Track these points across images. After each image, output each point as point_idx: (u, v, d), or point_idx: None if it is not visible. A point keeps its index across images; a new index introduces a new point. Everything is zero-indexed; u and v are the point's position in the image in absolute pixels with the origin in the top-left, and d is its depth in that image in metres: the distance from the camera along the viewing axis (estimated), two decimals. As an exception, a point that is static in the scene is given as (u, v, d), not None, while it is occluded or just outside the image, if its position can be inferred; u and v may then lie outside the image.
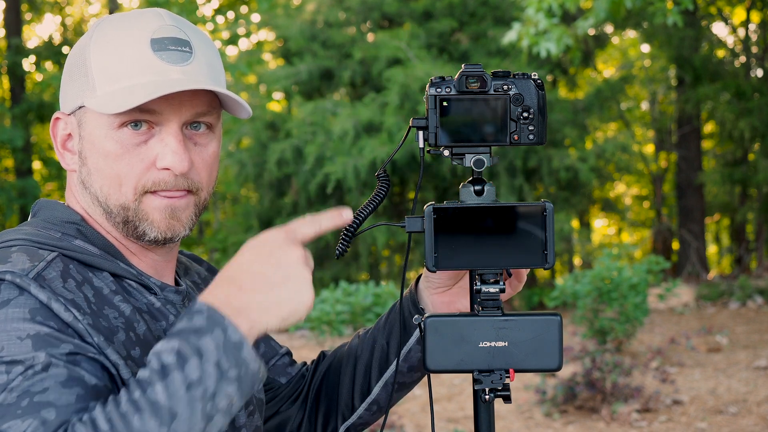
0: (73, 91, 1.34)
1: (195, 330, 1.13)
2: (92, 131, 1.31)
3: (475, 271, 1.39)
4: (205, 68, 1.33)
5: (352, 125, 11.52)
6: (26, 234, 1.29)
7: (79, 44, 1.36)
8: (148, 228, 1.32)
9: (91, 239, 1.32)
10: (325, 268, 12.53)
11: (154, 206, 1.31)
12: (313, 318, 8.41)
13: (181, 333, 1.14)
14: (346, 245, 1.42)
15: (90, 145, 1.31)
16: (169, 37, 1.31)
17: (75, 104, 1.33)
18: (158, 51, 1.29)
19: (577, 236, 14.43)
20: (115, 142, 1.29)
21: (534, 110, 1.38)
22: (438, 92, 1.37)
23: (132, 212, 1.31)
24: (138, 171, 1.30)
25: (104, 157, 1.30)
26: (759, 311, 11.04)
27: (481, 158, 1.38)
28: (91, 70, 1.31)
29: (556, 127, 11.94)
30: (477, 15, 13.00)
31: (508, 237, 1.37)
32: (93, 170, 1.32)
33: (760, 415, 6.46)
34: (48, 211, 1.36)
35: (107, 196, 1.32)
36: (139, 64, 1.29)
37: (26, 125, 16.21)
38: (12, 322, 1.16)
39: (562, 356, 1.37)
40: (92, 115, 1.30)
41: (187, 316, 1.16)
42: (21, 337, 1.15)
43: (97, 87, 1.29)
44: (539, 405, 6.90)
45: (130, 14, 1.35)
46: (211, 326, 1.14)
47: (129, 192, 1.30)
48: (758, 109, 13.88)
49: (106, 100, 1.27)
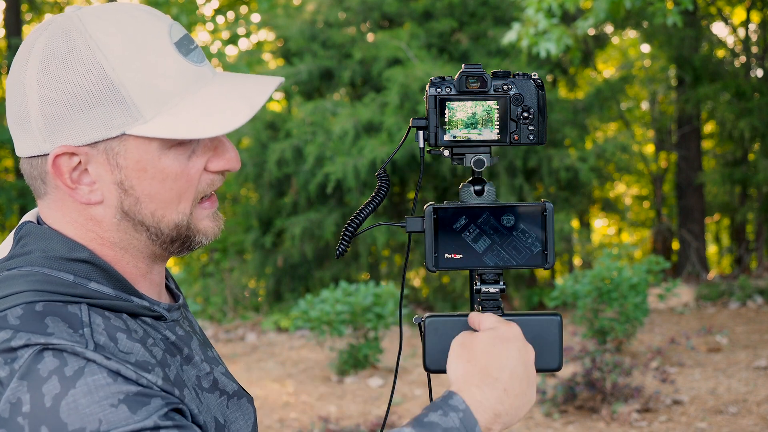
0: (92, 121, 1.19)
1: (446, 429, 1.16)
2: (140, 158, 1.22)
3: (475, 271, 1.40)
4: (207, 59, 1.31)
5: (352, 125, 11.52)
6: (35, 282, 1.18)
7: (76, 64, 1.19)
8: (202, 238, 1.30)
9: (104, 276, 1.24)
10: (325, 268, 12.53)
11: (204, 215, 1.30)
12: (313, 318, 8.41)
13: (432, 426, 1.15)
14: (346, 245, 1.42)
15: (139, 172, 1.22)
16: (183, 36, 1.26)
17: (100, 135, 1.20)
18: (186, 55, 1.24)
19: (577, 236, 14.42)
20: (174, 161, 1.23)
21: (534, 110, 1.38)
22: (438, 92, 1.37)
23: (184, 228, 1.27)
24: (195, 182, 1.26)
25: (161, 181, 1.23)
26: (759, 311, 11.04)
27: (481, 158, 1.39)
28: (128, 94, 1.19)
29: (556, 127, 11.94)
30: (477, 15, 13.00)
31: (508, 237, 1.38)
32: (143, 197, 1.24)
33: (760, 415, 6.46)
34: (43, 242, 1.24)
35: (160, 219, 1.25)
36: (181, 74, 1.22)
37: (26, 125, 16.19)
38: (98, 391, 1.08)
39: (562, 356, 1.37)
40: (136, 141, 1.21)
41: (443, 408, 1.18)
42: (114, 404, 1.08)
43: (144, 112, 1.19)
44: (539, 405, 6.90)
45: (121, 18, 1.23)
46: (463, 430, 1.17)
47: (187, 207, 1.26)
48: (758, 109, 13.87)
49: (170, 123, 1.19)
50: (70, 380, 1.08)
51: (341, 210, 12.18)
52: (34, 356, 1.09)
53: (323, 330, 8.45)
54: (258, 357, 9.87)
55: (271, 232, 12.86)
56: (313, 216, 12.10)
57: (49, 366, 1.09)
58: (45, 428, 1.06)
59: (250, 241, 13.20)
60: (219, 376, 1.36)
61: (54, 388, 1.08)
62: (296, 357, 9.70)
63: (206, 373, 1.33)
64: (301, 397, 7.87)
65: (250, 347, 10.55)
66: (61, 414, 1.06)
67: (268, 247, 12.82)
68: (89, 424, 1.06)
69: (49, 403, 1.07)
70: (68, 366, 1.09)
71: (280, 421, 7.11)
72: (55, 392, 1.07)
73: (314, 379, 8.55)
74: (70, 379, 1.08)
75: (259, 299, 13.73)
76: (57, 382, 1.08)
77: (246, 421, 1.38)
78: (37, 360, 1.09)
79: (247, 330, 11.80)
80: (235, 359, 9.60)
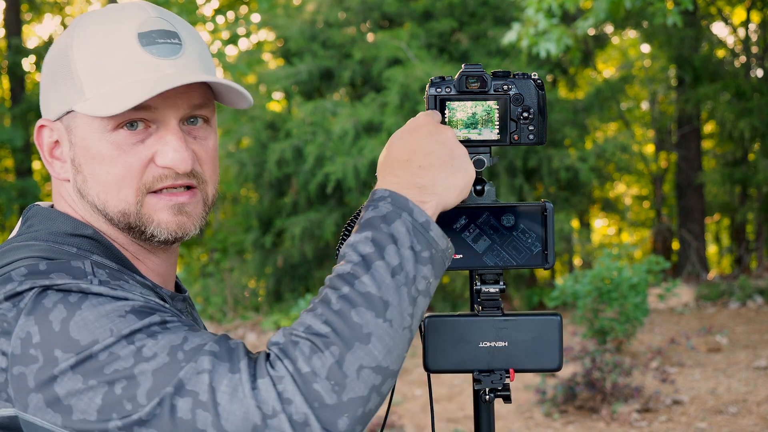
0: (57, 96, 1.26)
1: (383, 217, 1.14)
2: (84, 136, 1.24)
3: (475, 271, 1.40)
4: (196, 59, 1.28)
5: (352, 125, 11.52)
6: (40, 251, 1.21)
7: (58, 46, 1.28)
8: (155, 230, 1.27)
9: (106, 253, 1.26)
10: (325, 268, 12.53)
11: (159, 207, 1.26)
12: (313, 318, 8.41)
13: (371, 222, 1.14)
14: (346, 245, 1.42)
15: (83, 151, 1.25)
16: (156, 29, 1.25)
17: (61, 110, 1.26)
18: (147, 45, 1.23)
19: (577, 236, 14.42)
20: (111, 145, 1.23)
21: (534, 110, 1.38)
22: (438, 92, 1.37)
23: (134, 217, 1.26)
24: (137, 171, 1.24)
25: (100, 162, 1.23)
26: (759, 311, 11.03)
27: (481, 158, 1.39)
28: (77, 72, 1.23)
29: (556, 127, 11.94)
30: (477, 15, 13.00)
31: (508, 237, 1.38)
32: (88, 177, 1.25)
33: (760, 415, 6.45)
34: (48, 222, 1.28)
35: (105, 202, 1.25)
36: (129, 61, 1.22)
37: (26, 125, 16.21)
38: (104, 306, 1.11)
39: (562, 356, 1.38)
40: (83, 119, 1.24)
41: (371, 205, 1.17)
42: (122, 315, 1.11)
43: (86, 90, 1.23)
44: (539, 405, 6.90)
45: (110, 9, 1.28)
46: (397, 211, 1.15)
47: (130, 195, 1.24)
48: (758, 109, 13.87)
49: (99, 103, 1.21)
50: (75, 305, 1.12)
51: (341, 210, 12.18)
52: (38, 293, 1.13)
53: (323, 330, 8.44)
54: (258, 357, 9.87)
55: (271, 232, 12.86)
56: (313, 216, 12.10)
57: (54, 298, 1.12)
58: (58, 350, 1.09)
59: (250, 241, 13.20)
60: None
61: (60, 313, 1.11)
62: (296, 357, 9.70)
63: None
64: (301, 397, 7.86)
65: (250, 347, 10.55)
66: (72, 333, 1.10)
67: (268, 247, 12.82)
68: (101, 335, 1.09)
69: (57, 327, 1.10)
70: (71, 295, 1.13)
71: (280, 421, 7.10)
72: (62, 317, 1.11)
73: (314, 379, 8.54)
74: (76, 303, 1.12)
75: (259, 299, 13.74)
76: (63, 308, 1.11)
77: None
78: (42, 296, 1.13)
79: (247, 330, 11.81)
80: (235, 359, 9.59)
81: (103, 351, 1.08)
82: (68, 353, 1.08)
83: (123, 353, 1.08)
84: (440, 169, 1.22)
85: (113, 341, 1.09)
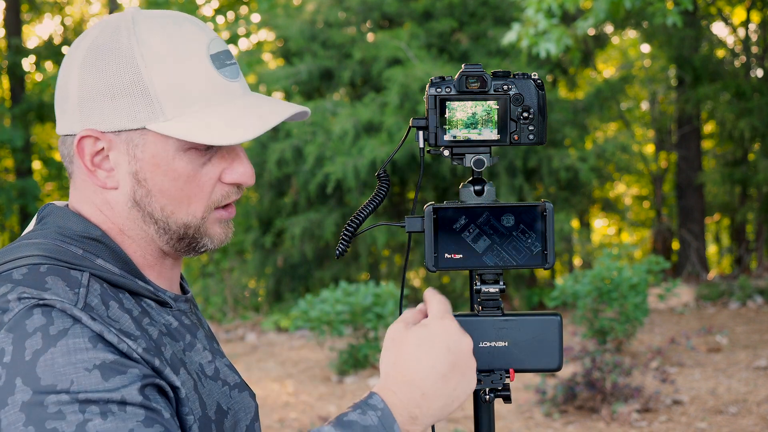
0: (118, 111, 1.26)
1: (364, 428, 1.18)
2: (156, 153, 1.27)
3: (475, 271, 1.40)
4: (244, 78, 1.35)
5: (352, 125, 11.52)
6: (45, 250, 1.25)
7: (114, 57, 1.26)
8: (208, 241, 1.34)
9: (112, 256, 1.29)
10: (325, 268, 12.53)
11: (217, 221, 1.33)
12: (313, 318, 8.41)
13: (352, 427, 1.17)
14: (346, 245, 1.42)
15: (153, 167, 1.27)
16: (222, 51, 1.31)
17: (123, 125, 1.26)
18: (220, 68, 1.29)
19: (577, 236, 14.42)
20: (186, 164, 1.28)
21: (534, 110, 1.38)
22: (438, 92, 1.37)
23: (194, 229, 1.32)
24: (208, 189, 1.30)
25: (173, 179, 1.28)
26: (759, 311, 11.04)
27: (481, 158, 1.38)
28: (155, 91, 1.25)
29: (556, 127, 11.94)
30: (477, 15, 13.00)
31: (508, 237, 1.38)
32: (155, 191, 1.29)
33: (760, 415, 6.45)
34: (60, 220, 1.31)
35: (170, 215, 1.30)
36: (209, 83, 1.27)
37: (26, 125, 16.21)
38: (76, 353, 1.13)
39: (562, 356, 1.37)
40: (155, 137, 1.26)
41: (362, 406, 1.20)
42: (88, 369, 1.12)
43: (167, 111, 1.25)
44: (539, 405, 6.90)
45: (168, 23, 1.29)
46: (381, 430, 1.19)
47: (199, 211, 1.30)
48: (758, 109, 13.87)
49: (190, 127, 1.25)
50: (52, 339, 1.13)
51: (341, 210, 12.18)
52: (24, 312, 1.15)
53: (323, 330, 8.45)
54: (258, 357, 9.87)
55: (271, 232, 12.86)
56: (313, 216, 12.10)
57: (36, 323, 1.14)
58: (19, 379, 1.11)
59: (250, 241, 13.20)
60: (221, 367, 1.38)
61: (36, 343, 1.12)
62: (296, 357, 9.70)
63: (209, 361, 1.36)
64: (301, 397, 7.87)
65: (250, 347, 10.55)
66: (37, 369, 1.11)
67: (268, 247, 12.82)
68: (60, 382, 1.11)
69: (28, 357, 1.12)
70: (53, 325, 1.14)
71: (280, 421, 7.11)
72: (36, 348, 1.12)
73: (314, 379, 8.55)
74: (53, 338, 1.13)
75: (259, 299, 13.74)
76: (40, 338, 1.13)
77: (246, 414, 1.39)
78: (26, 315, 1.14)
79: (247, 330, 11.81)
80: (235, 359, 9.60)
81: (54, 404, 1.10)
82: (27, 386, 1.10)
83: (69, 418, 1.10)
84: (439, 400, 1.25)
85: (67, 400, 1.10)
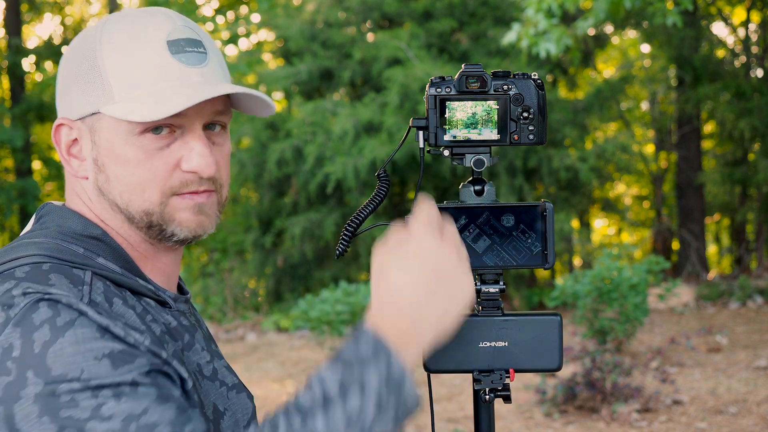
0: (82, 97, 1.29)
1: (360, 360, 1.12)
2: (110, 138, 1.27)
3: (475, 271, 1.39)
4: (218, 68, 1.32)
5: (352, 125, 11.52)
6: (47, 249, 1.25)
7: (83, 47, 1.30)
8: (176, 229, 1.30)
9: (113, 255, 1.29)
10: (325, 268, 12.53)
11: (182, 207, 1.30)
12: (313, 318, 8.41)
13: (347, 361, 1.12)
14: (345, 245, 1.42)
15: (108, 152, 1.28)
16: (184, 38, 1.29)
17: (85, 110, 1.29)
18: (176, 54, 1.27)
19: (577, 236, 14.42)
20: (138, 149, 1.26)
21: (534, 110, 1.38)
22: (438, 92, 1.37)
23: (157, 216, 1.29)
24: (162, 175, 1.28)
25: (125, 164, 1.27)
26: (759, 311, 11.03)
27: (481, 158, 1.39)
28: (106, 75, 1.26)
29: (556, 127, 11.93)
30: (477, 15, 12.99)
31: (508, 237, 1.37)
32: (112, 178, 1.28)
33: (760, 415, 6.45)
34: (60, 219, 1.31)
35: (128, 202, 1.29)
36: (159, 67, 1.26)
37: (26, 125, 16.20)
38: (85, 343, 1.12)
39: (562, 356, 1.37)
40: (110, 121, 1.27)
41: (354, 338, 1.15)
42: (98, 357, 1.12)
43: (116, 93, 1.26)
44: (539, 405, 6.90)
45: (137, 15, 1.31)
46: (375, 358, 1.13)
47: (154, 197, 1.28)
48: (758, 109, 13.86)
49: (131, 108, 1.24)
50: (60, 329, 1.12)
51: (341, 210, 12.17)
52: (30, 305, 1.14)
53: (323, 330, 8.44)
54: (258, 357, 9.87)
55: (271, 232, 12.85)
56: (313, 216, 12.10)
57: (43, 316, 1.14)
58: (31, 372, 1.11)
59: (250, 241, 13.20)
60: (219, 368, 1.38)
61: (44, 335, 1.12)
62: (296, 357, 9.70)
63: (207, 362, 1.36)
64: (301, 397, 7.85)
65: (250, 347, 10.55)
66: (47, 359, 1.11)
67: (268, 247, 12.82)
68: (71, 371, 1.11)
69: (38, 349, 1.12)
70: (60, 317, 1.14)
71: (280, 421, 7.10)
72: (45, 339, 1.12)
73: (314, 379, 8.53)
74: (61, 328, 1.13)
75: (259, 299, 13.74)
76: (48, 330, 1.12)
77: (243, 415, 1.39)
78: (33, 309, 1.14)
79: (247, 330, 11.81)
80: (235, 359, 9.60)
81: (66, 393, 1.10)
82: (38, 378, 1.10)
83: (83, 404, 1.10)
84: (430, 316, 1.16)
85: (79, 387, 1.10)
